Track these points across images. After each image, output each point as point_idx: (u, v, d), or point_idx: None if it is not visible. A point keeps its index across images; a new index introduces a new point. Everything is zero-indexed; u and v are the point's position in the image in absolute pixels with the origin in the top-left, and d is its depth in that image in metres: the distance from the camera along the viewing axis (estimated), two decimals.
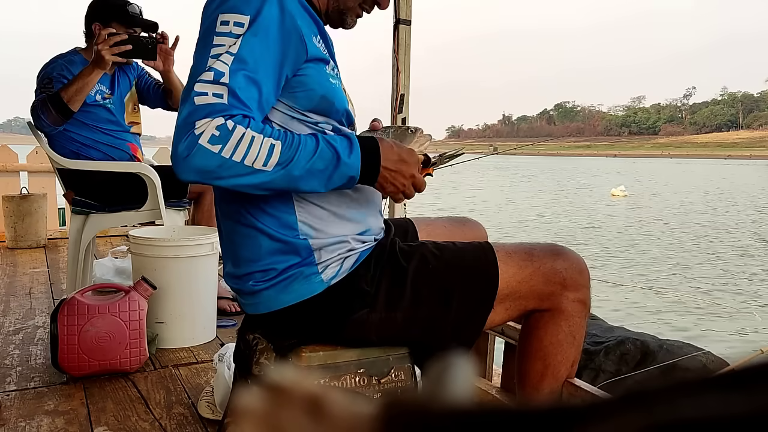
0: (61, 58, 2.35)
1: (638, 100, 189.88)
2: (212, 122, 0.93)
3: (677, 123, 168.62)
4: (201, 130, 0.93)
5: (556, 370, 1.18)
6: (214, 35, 0.98)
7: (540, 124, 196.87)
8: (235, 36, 0.97)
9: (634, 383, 0.22)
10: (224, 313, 2.40)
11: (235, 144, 0.94)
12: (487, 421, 0.23)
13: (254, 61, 0.98)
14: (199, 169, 0.95)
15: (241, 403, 0.29)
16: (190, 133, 0.94)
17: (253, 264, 1.11)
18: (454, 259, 1.14)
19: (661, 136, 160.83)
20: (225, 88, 0.95)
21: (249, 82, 0.97)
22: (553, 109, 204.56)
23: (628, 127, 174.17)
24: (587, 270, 1.19)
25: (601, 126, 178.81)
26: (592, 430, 0.20)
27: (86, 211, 2.40)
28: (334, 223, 1.11)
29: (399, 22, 2.35)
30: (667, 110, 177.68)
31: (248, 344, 1.22)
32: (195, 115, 0.94)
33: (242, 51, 0.97)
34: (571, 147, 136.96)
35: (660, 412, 0.19)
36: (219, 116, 0.94)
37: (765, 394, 0.19)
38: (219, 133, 0.93)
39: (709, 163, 63.08)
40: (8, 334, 2.23)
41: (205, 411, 1.59)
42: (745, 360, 1.96)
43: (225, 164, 0.94)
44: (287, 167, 0.97)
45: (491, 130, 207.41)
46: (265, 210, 1.09)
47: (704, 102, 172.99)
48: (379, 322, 1.11)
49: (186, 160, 0.94)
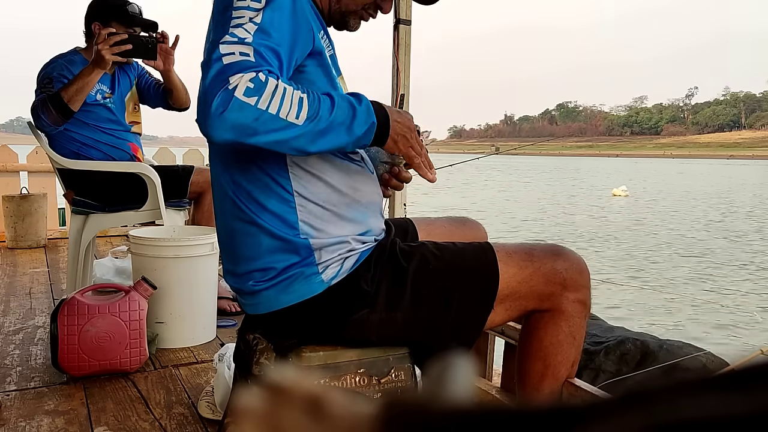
0: (61, 58, 2.35)
1: (640, 100, 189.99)
2: (245, 76, 0.91)
3: (679, 123, 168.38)
4: (235, 83, 0.91)
5: (556, 371, 1.18)
6: (233, 9, 0.97)
7: (542, 124, 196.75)
8: (255, 10, 0.97)
9: (634, 383, 0.22)
10: (224, 313, 2.40)
11: (270, 95, 0.92)
12: (487, 421, 0.23)
13: (276, 34, 0.97)
14: (235, 124, 0.92)
15: (241, 403, 0.29)
16: (224, 88, 0.91)
17: (253, 262, 1.11)
18: (455, 259, 1.14)
19: (663, 136, 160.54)
20: (251, 48, 0.94)
21: (271, 52, 0.96)
22: (555, 109, 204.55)
23: (630, 127, 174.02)
24: (587, 270, 1.19)
25: (603, 126, 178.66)
26: (592, 430, 0.20)
27: (86, 211, 2.40)
28: (335, 223, 1.11)
29: (399, 22, 2.35)
30: (669, 110, 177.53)
31: (248, 344, 1.22)
32: (227, 72, 0.92)
33: (264, 23, 0.96)
34: (573, 147, 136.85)
35: (660, 412, 0.19)
36: (251, 71, 0.92)
37: (765, 394, 0.19)
38: (253, 85, 0.91)
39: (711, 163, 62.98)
40: (8, 334, 2.23)
41: (205, 411, 1.59)
42: (745, 360, 1.97)
43: (261, 117, 0.92)
44: (314, 121, 0.95)
45: (493, 130, 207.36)
46: (265, 207, 1.09)
47: (706, 102, 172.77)
48: (380, 322, 1.11)
49: (222, 116, 0.91)
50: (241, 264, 1.13)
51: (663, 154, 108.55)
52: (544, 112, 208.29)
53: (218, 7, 1.01)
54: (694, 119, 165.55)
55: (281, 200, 1.08)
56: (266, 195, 1.08)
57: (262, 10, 0.97)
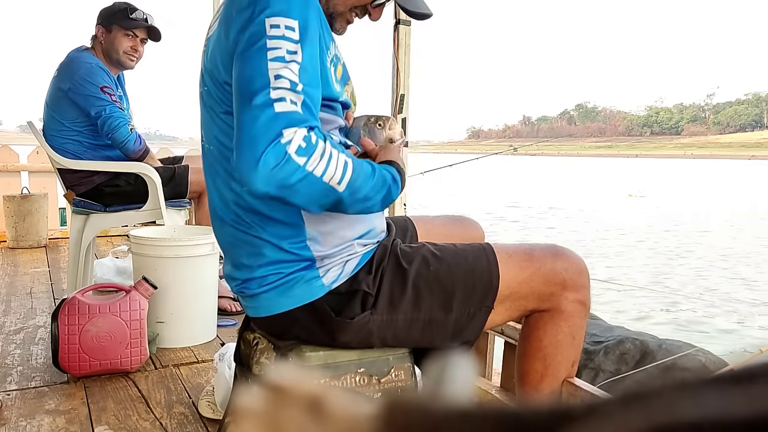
0: (84, 65, 2.36)
1: (660, 99, 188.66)
2: (299, 132, 0.89)
3: (700, 123, 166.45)
4: (288, 138, 0.88)
5: (555, 371, 1.18)
6: (267, 39, 0.93)
7: (560, 125, 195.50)
8: (292, 41, 0.94)
9: (633, 383, 0.22)
10: (225, 313, 2.40)
11: (319, 157, 0.90)
12: (487, 421, 0.23)
13: (314, 76, 0.96)
14: (282, 183, 0.89)
15: (242, 402, 0.29)
16: (276, 142, 0.87)
17: (255, 270, 1.10)
18: (456, 260, 1.14)
19: (683, 136, 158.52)
20: (300, 98, 0.91)
21: (314, 102, 0.95)
22: (574, 109, 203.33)
23: (650, 127, 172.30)
24: (587, 270, 1.19)
25: (622, 126, 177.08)
26: (591, 431, 0.20)
27: (87, 211, 2.41)
28: (342, 227, 1.10)
29: (399, 22, 2.35)
30: (689, 110, 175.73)
31: (249, 344, 1.22)
32: (280, 123, 0.88)
33: (305, 62, 0.94)
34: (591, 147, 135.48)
35: (659, 412, 0.19)
36: (303, 126, 0.90)
37: (765, 394, 0.19)
38: (305, 144, 0.89)
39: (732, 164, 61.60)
40: (9, 334, 2.23)
41: (205, 410, 1.59)
42: (745, 360, 1.96)
43: (306, 178, 0.90)
44: (355, 188, 0.96)
45: (511, 131, 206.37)
46: (270, 218, 1.07)
47: (728, 102, 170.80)
48: (381, 324, 1.10)
49: (272, 172, 0.87)
50: (242, 270, 1.13)
51: (683, 155, 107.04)
52: (563, 113, 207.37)
53: (248, 31, 0.95)
54: (715, 119, 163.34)
55: (286, 209, 1.06)
56: (270, 206, 1.06)
57: (300, 43, 0.94)
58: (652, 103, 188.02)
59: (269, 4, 0.96)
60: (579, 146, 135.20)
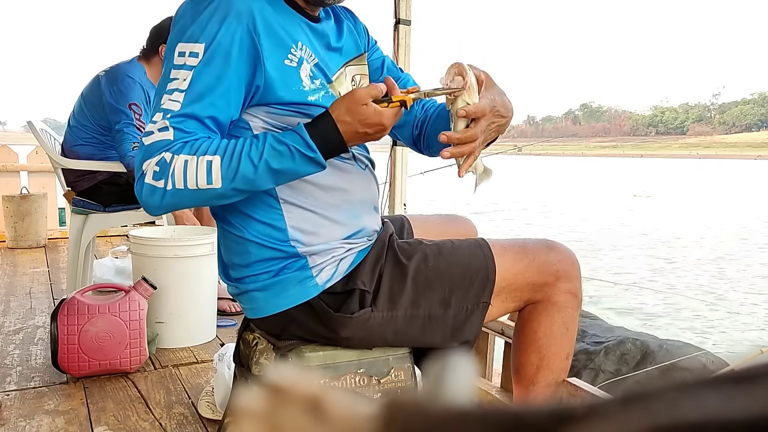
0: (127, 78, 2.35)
1: (666, 99, 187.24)
2: (152, 160, 0.97)
3: (706, 123, 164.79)
4: (145, 170, 0.98)
5: (551, 362, 1.19)
6: (172, 68, 1.01)
7: (565, 125, 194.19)
8: (188, 68, 0.99)
9: (634, 383, 0.22)
10: (224, 313, 2.40)
11: (172, 173, 0.97)
12: (487, 421, 0.23)
13: (216, 86, 0.99)
14: (159, 204, 0.99)
15: (241, 402, 0.29)
16: (140, 177, 0.99)
17: (245, 269, 1.12)
18: (453, 256, 1.16)
19: (689, 136, 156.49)
20: (179, 120, 0.98)
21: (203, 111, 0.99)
22: (579, 109, 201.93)
23: (656, 126, 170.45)
24: (578, 263, 1.22)
25: (627, 126, 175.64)
26: (591, 431, 0.20)
27: (86, 210, 2.41)
28: (325, 226, 1.11)
29: (399, 22, 2.35)
30: (695, 110, 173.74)
31: (248, 344, 1.22)
32: (145, 156, 0.99)
33: (193, 84, 0.99)
34: (596, 147, 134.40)
35: (660, 412, 0.19)
36: (163, 152, 0.97)
37: (766, 395, 0.19)
38: (159, 168, 0.97)
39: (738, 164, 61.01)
40: (8, 334, 2.23)
41: (205, 411, 1.59)
42: (745, 360, 1.97)
43: (176, 194, 0.97)
44: (235, 178, 0.97)
45: (516, 131, 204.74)
46: (252, 217, 1.10)
47: (734, 101, 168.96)
48: (381, 320, 1.11)
49: (144, 201, 1.00)
50: (234, 269, 1.15)
51: (689, 155, 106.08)
52: (568, 113, 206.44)
53: (166, 56, 1.04)
54: (720, 119, 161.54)
55: (268, 208, 1.09)
56: (252, 205, 1.09)
57: (201, 66, 0.99)
58: (657, 103, 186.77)
59: (183, 31, 1.01)
60: (584, 146, 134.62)
